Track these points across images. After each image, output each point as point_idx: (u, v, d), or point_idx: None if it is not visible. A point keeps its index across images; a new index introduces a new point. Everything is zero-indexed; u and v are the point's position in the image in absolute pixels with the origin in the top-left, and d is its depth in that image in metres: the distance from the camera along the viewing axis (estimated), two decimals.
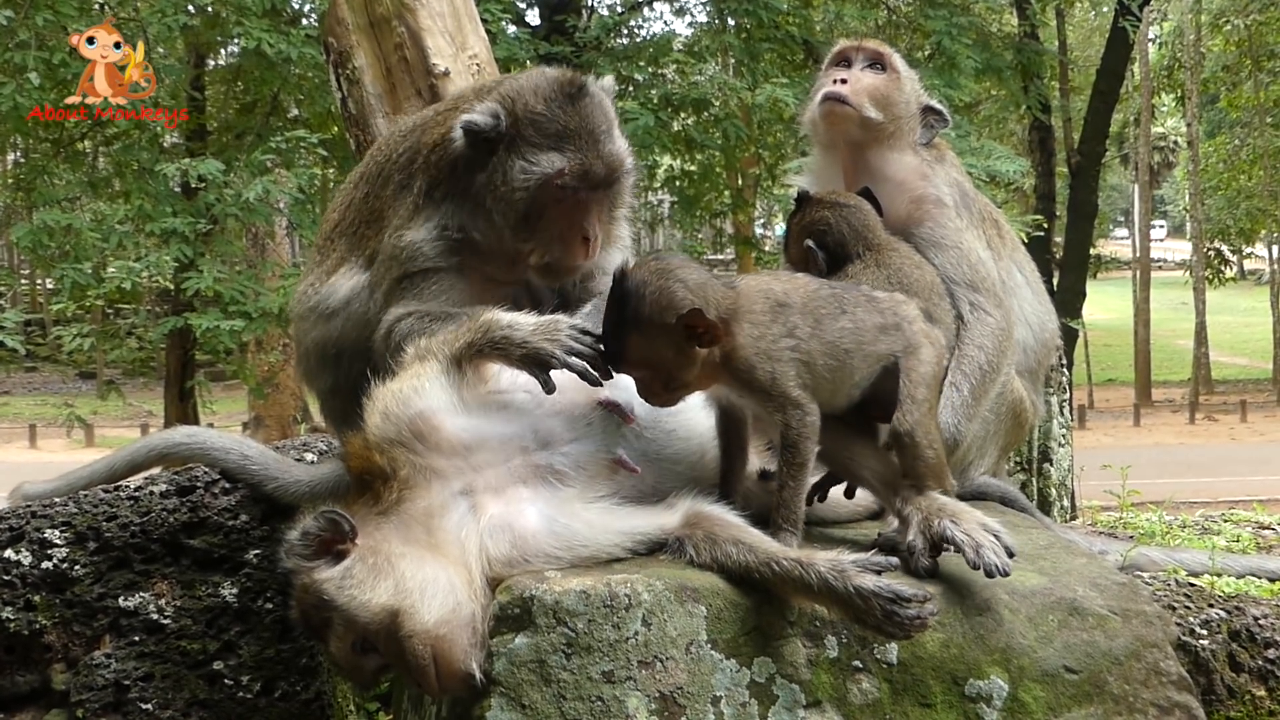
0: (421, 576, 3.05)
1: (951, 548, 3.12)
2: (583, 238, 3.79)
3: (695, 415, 3.49)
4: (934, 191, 4.26)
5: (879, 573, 2.96)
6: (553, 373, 3.22)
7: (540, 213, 3.75)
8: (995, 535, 3.10)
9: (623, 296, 3.13)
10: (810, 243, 4.08)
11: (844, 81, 4.26)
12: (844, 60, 4.36)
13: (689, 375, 3.19)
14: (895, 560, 3.04)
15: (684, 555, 3.17)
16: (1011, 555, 3.07)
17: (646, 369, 3.18)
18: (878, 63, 4.32)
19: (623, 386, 3.38)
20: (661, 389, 3.21)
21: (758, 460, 3.63)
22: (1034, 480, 6.19)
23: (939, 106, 4.40)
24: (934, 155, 4.37)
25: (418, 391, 3.27)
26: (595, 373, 3.20)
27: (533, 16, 19.92)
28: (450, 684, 2.99)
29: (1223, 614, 3.75)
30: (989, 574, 3.02)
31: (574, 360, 3.19)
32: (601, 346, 3.22)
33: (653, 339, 3.12)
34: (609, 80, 3.98)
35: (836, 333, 3.30)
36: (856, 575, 2.94)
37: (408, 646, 2.99)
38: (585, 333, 3.25)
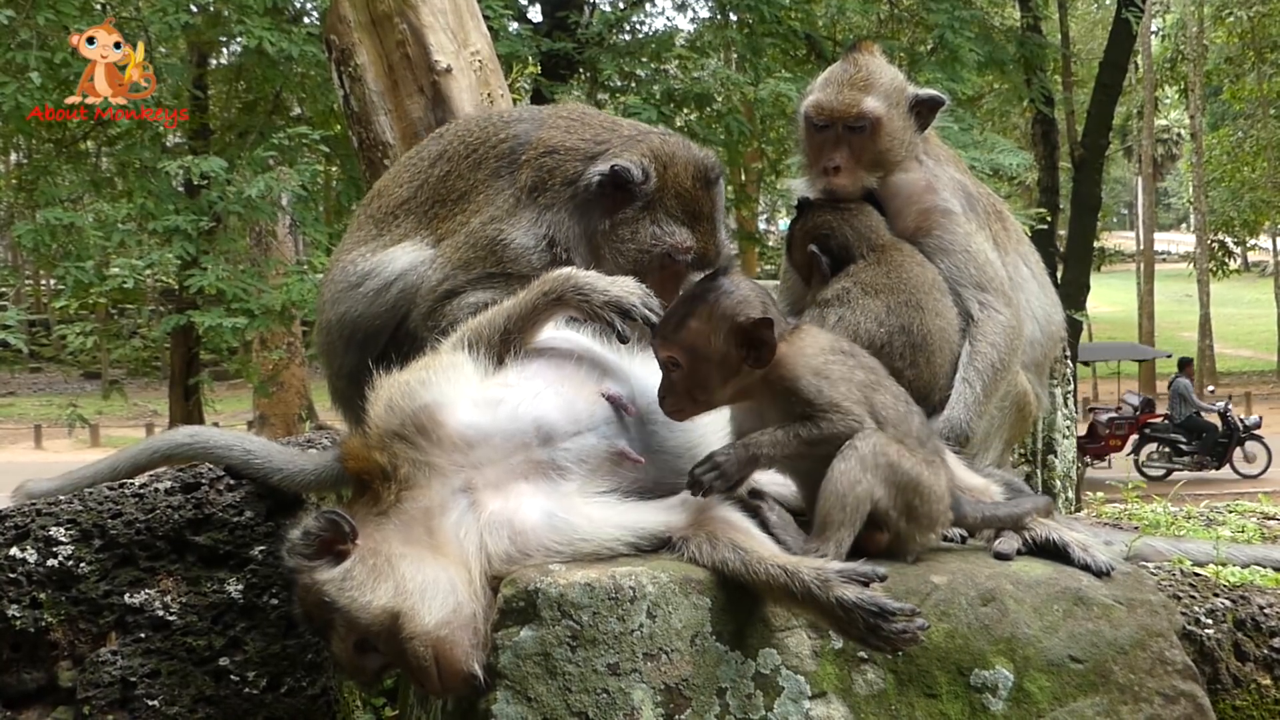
0: (422, 578, 3.04)
1: (1060, 549, 3.37)
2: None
3: None
4: (941, 203, 4.21)
5: (866, 584, 2.87)
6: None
7: (644, 273, 3.88)
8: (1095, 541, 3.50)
9: (709, 284, 3.18)
10: (814, 248, 4.07)
11: (836, 170, 4.14)
12: (823, 124, 4.17)
13: (720, 383, 3.14)
14: (883, 570, 2.92)
15: (686, 556, 3.12)
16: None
17: (686, 356, 3.12)
18: (860, 122, 4.13)
19: (623, 379, 3.38)
20: (684, 390, 3.15)
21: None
22: (1038, 472, 6.18)
23: (927, 94, 4.27)
24: (933, 159, 4.31)
25: (425, 384, 3.25)
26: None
27: (535, 13, 19.92)
28: (452, 684, 2.99)
29: (1228, 603, 3.74)
30: (1099, 573, 3.30)
31: (650, 313, 3.35)
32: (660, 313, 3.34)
33: (713, 330, 3.10)
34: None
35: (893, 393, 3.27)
36: (839, 585, 2.84)
37: (409, 648, 2.99)
38: (649, 293, 3.43)
